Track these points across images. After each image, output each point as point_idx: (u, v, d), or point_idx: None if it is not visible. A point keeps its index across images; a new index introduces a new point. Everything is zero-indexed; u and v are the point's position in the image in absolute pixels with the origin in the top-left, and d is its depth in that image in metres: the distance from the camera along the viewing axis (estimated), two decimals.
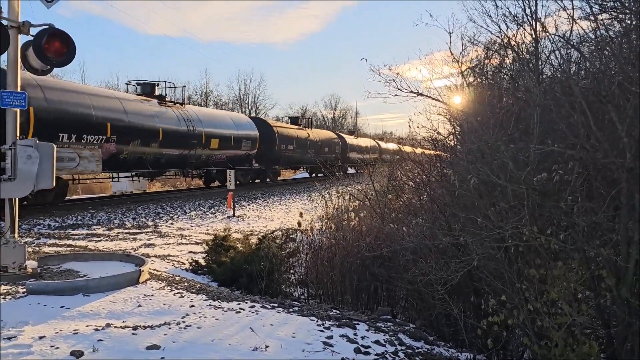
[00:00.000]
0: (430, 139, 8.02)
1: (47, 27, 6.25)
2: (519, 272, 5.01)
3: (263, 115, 60.93)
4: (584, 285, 4.67)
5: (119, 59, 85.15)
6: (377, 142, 54.05)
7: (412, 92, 6.49)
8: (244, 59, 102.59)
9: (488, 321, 4.91)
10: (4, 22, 6.07)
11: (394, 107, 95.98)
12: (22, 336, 4.29)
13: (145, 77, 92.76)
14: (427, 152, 10.92)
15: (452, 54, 6.64)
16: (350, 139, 45.45)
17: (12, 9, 6.26)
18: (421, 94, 6.58)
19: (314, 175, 40.24)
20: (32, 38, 6.29)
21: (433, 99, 6.77)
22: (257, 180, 30.08)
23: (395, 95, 6.52)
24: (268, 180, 30.86)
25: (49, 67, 6.65)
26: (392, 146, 58.01)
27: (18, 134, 6.30)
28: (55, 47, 6.32)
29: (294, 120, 37.67)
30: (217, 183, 26.68)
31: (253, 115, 52.65)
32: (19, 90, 6.23)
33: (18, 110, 6.30)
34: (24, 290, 5.60)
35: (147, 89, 20.73)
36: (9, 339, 4.22)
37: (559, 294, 4.42)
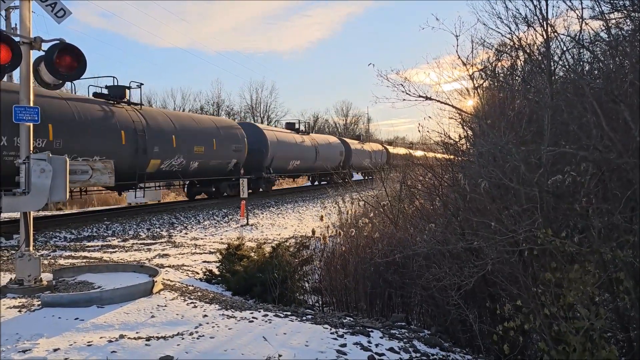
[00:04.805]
0: (441, 142, 7.96)
1: (57, 42, 6.33)
2: (534, 276, 4.93)
3: (275, 124, 60.77)
4: (602, 288, 4.57)
5: (130, 71, 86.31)
6: (342, 141, 39.03)
7: (420, 96, 6.45)
8: (253, 68, 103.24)
9: (504, 326, 4.82)
10: (17, 39, 6.16)
11: (404, 112, 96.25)
12: (37, 349, 4.31)
13: (158, 88, 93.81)
14: (432, 155, 10.86)
15: (459, 57, 6.59)
16: (275, 134, 28.23)
17: (23, 25, 6.35)
18: (429, 98, 6.53)
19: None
20: (43, 53, 6.38)
21: (442, 102, 6.72)
22: None
23: (404, 100, 6.48)
24: None
25: (60, 81, 6.73)
26: (374, 146, 45.26)
27: (32, 148, 6.38)
28: (67, 62, 6.40)
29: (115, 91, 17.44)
30: None
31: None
32: (31, 105, 6.31)
33: (31, 125, 6.39)
34: (39, 302, 5.64)
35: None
36: (23, 351, 4.24)
37: (576, 298, 4.33)
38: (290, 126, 34.09)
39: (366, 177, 37.56)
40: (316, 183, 38.70)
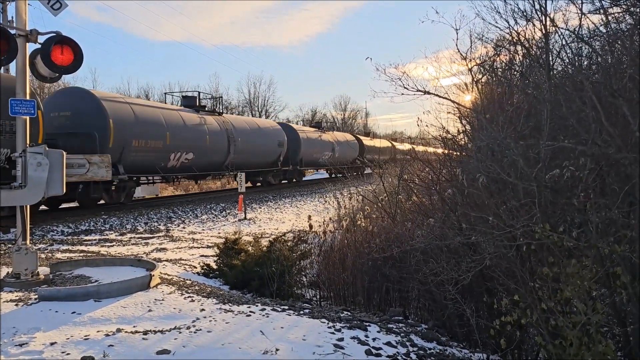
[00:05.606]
0: (439, 137, 7.95)
1: (54, 34, 6.29)
2: (531, 270, 4.94)
3: (273, 118, 60.21)
4: (599, 283, 4.57)
5: (129, 65, 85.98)
6: (285, 127, 29.06)
7: (418, 90, 6.44)
8: (251, 62, 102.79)
9: (501, 321, 4.82)
10: (12, 31, 6.11)
11: (403, 107, 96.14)
12: (34, 342, 4.31)
13: (156, 82, 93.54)
14: (423, 149, 10.83)
15: (458, 51, 6.57)
16: (131, 107, 16.78)
17: (19, 17, 6.31)
18: (428, 92, 6.51)
19: None
20: (39, 46, 6.33)
21: (440, 97, 6.71)
22: None
23: (402, 94, 6.47)
24: None
25: (57, 74, 6.69)
26: (341, 137, 36.99)
27: (28, 142, 6.35)
28: (63, 55, 6.35)
29: None
30: None
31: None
32: (27, 98, 6.27)
33: (27, 118, 6.35)
34: (36, 296, 5.63)
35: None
36: (20, 345, 4.24)
37: (573, 292, 4.33)
38: (189, 101, 22.31)
39: (332, 176, 33.31)
40: (249, 184, 28.02)
